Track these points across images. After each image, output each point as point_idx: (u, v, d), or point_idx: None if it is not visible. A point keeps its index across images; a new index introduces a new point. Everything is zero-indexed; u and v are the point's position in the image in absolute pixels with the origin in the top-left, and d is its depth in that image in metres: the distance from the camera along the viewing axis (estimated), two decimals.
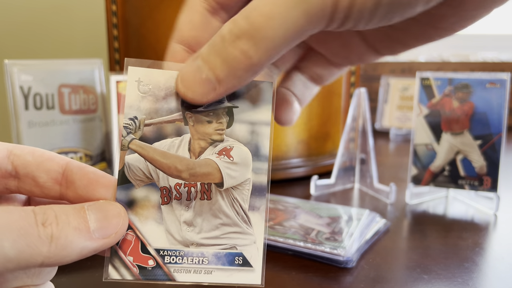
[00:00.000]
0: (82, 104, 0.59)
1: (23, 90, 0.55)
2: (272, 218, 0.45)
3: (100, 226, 0.21)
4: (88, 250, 0.20)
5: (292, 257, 0.39)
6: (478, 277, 0.36)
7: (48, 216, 0.20)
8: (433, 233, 0.45)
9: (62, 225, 0.20)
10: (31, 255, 0.18)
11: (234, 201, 0.29)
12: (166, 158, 0.28)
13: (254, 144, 0.29)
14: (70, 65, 0.58)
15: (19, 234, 0.18)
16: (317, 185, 0.58)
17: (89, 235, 0.20)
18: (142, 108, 0.28)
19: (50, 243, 0.19)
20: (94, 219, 0.21)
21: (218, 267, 0.28)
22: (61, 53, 1.10)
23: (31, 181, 0.23)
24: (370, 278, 0.36)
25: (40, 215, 0.19)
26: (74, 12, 1.09)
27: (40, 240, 0.19)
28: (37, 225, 0.19)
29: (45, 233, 0.19)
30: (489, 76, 0.52)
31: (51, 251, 0.19)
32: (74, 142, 0.58)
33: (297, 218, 0.45)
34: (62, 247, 0.19)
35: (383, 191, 0.56)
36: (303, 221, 0.44)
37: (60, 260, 0.19)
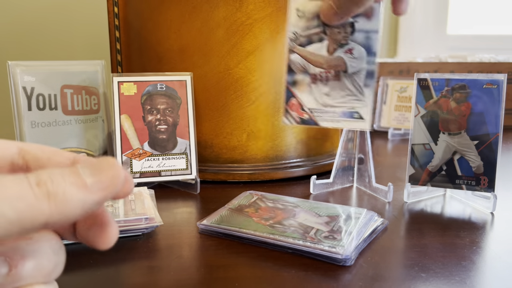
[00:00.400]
0: (84, 104, 0.60)
1: (26, 90, 0.55)
2: (271, 217, 0.46)
3: (95, 179, 0.20)
4: (90, 203, 0.20)
5: (291, 255, 0.40)
6: (475, 276, 0.37)
7: (41, 177, 0.19)
8: (431, 232, 0.46)
9: (57, 183, 0.19)
10: (32, 215, 0.18)
11: (354, 81, 0.49)
12: (313, 56, 0.50)
13: (367, 45, 0.48)
14: (73, 66, 0.59)
15: (15, 197, 0.18)
16: (316, 185, 0.59)
17: (87, 189, 0.20)
18: (299, 26, 0.50)
19: (48, 201, 0.19)
20: (88, 174, 0.20)
21: (343, 119, 0.50)
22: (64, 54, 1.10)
23: None
24: (369, 276, 0.36)
25: (33, 177, 0.19)
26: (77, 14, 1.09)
27: (37, 199, 0.18)
28: (31, 187, 0.19)
29: (41, 192, 0.19)
30: (486, 77, 0.53)
31: (52, 208, 0.19)
32: (77, 142, 0.59)
33: (296, 217, 0.46)
34: (62, 203, 0.19)
35: (381, 190, 0.57)
36: (302, 220, 0.45)
37: (65, 216, 0.19)
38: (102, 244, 0.24)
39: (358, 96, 0.48)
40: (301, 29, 0.50)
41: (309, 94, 0.50)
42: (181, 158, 0.59)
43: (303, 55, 0.51)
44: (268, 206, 0.49)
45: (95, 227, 0.24)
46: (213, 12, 0.60)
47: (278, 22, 0.61)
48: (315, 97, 0.50)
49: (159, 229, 0.46)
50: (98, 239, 0.24)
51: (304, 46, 0.50)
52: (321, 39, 0.50)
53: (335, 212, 0.47)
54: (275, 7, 0.61)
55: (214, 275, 0.37)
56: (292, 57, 0.51)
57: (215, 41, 0.61)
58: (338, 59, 0.49)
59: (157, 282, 0.35)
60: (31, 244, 0.22)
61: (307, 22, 0.50)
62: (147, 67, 0.66)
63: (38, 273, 0.21)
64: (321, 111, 0.50)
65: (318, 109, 0.50)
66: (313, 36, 0.50)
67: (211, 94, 0.63)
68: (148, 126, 0.59)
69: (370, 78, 0.48)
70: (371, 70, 0.48)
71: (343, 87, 0.49)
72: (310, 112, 0.50)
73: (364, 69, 0.48)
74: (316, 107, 0.50)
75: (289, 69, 0.51)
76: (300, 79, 0.50)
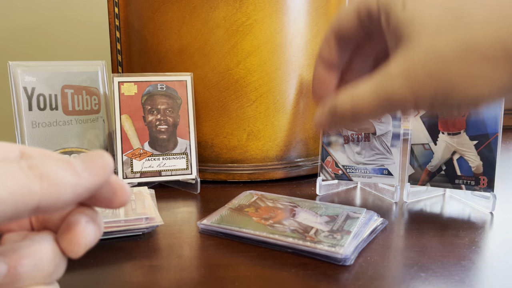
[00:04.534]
0: (85, 105, 0.60)
1: (26, 91, 0.55)
2: (271, 216, 0.46)
3: (85, 166, 0.21)
4: (82, 188, 0.20)
5: (291, 255, 0.40)
6: (474, 275, 0.37)
7: (32, 161, 0.19)
8: (430, 232, 0.46)
9: (48, 166, 0.19)
10: (25, 195, 0.18)
11: (382, 142, 0.56)
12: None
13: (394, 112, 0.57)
14: (73, 67, 0.59)
15: (7, 177, 0.18)
16: (321, 185, 0.59)
17: (78, 174, 0.20)
18: None
19: (41, 181, 0.19)
20: (78, 162, 0.21)
21: (374, 175, 0.56)
22: (65, 54, 1.10)
23: None
24: (368, 275, 0.36)
25: (24, 162, 0.19)
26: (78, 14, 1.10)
27: (29, 179, 0.18)
28: (23, 169, 0.19)
29: (32, 173, 0.19)
30: None
31: (44, 188, 0.19)
32: (77, 142, 0.59)
33: (296, 216, 0.46)
34: (54, 184, 0.19)
35: (387, 190, 0.57)
36: (302, 220, 0.45)
37: (56, 198, 0.19)
38: (116, 203, 0.24)
39: (387, 155, 0.56)
40: None
41: (343, 153, 0.58)
42: (181, 158, 0.59)
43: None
44: (268, 205, 0.49)
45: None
46: (213, 12, 0.60)
47: (278, 22, 0.61)
48: (348, 155, 0.57)
49: (159, 228, 0.46)
50: (113, 197, 0.24)
51: None
52: None
53: (334, 212, 0.47)
54: (275, 7, 0.61)
55: (215, 274, 0.37)
56: None
57: (215, 42, 0.61)
58: (368, 124, 0.57)
59: (157, 281, 0.36)
60: (31, 245, 0.22)
61: None
62: (148, 67, 0.66)
63: (37, 274, 0.21)
64: (353, 168, 0.57)
65: (351, 166, 0.57)
66: None
67: (211, 94, 0.63)
68: (148, 126, 0.59)
69: (396, 139, 0.55)
70: (396, 133, 0.55)
71: (372, 147, 0.56)
72: (344, 168, 0.57)
73: (390, 131, 0.55)
74: (349, 164, 0.57)
75: (324, 132, 0.59)
76: (334, 140, 0.58)
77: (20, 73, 0.55)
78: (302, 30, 0.63)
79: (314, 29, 0.64)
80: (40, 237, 0.22)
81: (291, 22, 0.62)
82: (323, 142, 0.59)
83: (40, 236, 0.23)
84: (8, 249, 0.21)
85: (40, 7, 1.08)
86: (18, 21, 1.08)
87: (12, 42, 1.08)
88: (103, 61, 0.62)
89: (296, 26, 0.63)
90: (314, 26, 0.64)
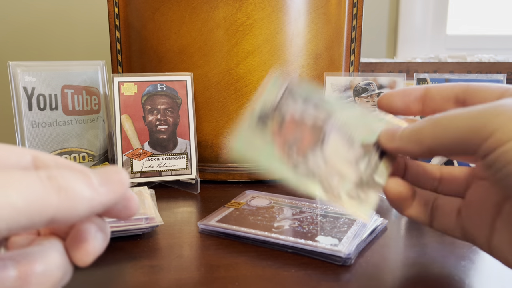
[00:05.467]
0: (85, 105, 0.60)
1: (26, 91, 0.55)
2: (296, 140, 0.34)
3: (103, 181, 0.21)
4: (97, 202, 0.20)
5: (291, 254, 0.40)
6: (474, 275, 0.37)
7: (51, 171, 0.19)
8: (430, 232, 0.46)
9: (67, 178, 0.19)
10: (41, 205, 0.18)
11: None
12: None
13: None
14: (73, 66, 0.59)
15: (25, 185, 0.18)
16: None
17: (95, 189, 0.20)
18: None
19: (58, 193, 0.19)
20: (96, 176, 0.21)
21: None
22: (65, 54, 1.10)
23: None
24: (368, 275, 0.36)
25: (43, 172, 0.19)
26: (77, 14, 1.09)
27: (47, 191, 0.18)
28: (42, 179, 0.19)
29: (51, 185, 0.19)
30: (485, 77, 0.53)
31: (61, 200, 0.19)
32: (77, 142, 0.59)
33: (324, 146, 0.34)
34: (71, 197, 0.19)
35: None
36: (329, 155, 0.34)
37: (71, 212, 0.19)
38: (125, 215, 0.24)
39: None
40: None
41: None
42: (181, 158, 0.59)
43: None
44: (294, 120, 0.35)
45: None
46: (213, 12, 0.60)
47: (278, 22, 0.61)
48: None
49: (159, 228, 0.46)
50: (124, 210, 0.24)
51: None
52: None
53: (370, 139, 0.34)
54: (275, 7, 0.61)
55: (215, 274, 0.37)
56: None
57: (215, 42, 0.61)
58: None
59: (157, 281, 0.36)
60: (41, 251, 0.22)
61: (340, 94, 0.60)
62: (148, 67, 0.66)
63: (46, 279, 0.21)
64: None
65: None
66: None
67: (211, 94, 0.63)
68: (148, 126, 0.59)
69: None
70: None
71: None
72: None
73: None
74: None
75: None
76: None
77: (20, 73, 0.55)
78: (302, 30, 0.63)
79: (314, 29, 0.64)
80: (50, 244, 0.22)
81: (291, 22, 0.62)
82: None
83: (50, 242, 0.23)
84: (18, 254, 0.21)
85: (40, 7, 1.08)
86: (17, 21, 1.08)
87: (11, 42, 1.08)
88: (103, 61, 0.62)
89: (296, 26, 0.63)
90: (314, 26, 0.64)
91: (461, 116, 0.26)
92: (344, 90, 0.61)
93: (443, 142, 0.27)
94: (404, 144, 0.30)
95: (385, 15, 1.31)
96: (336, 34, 0.67)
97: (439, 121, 0.27)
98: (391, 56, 1.36)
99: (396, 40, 1.33)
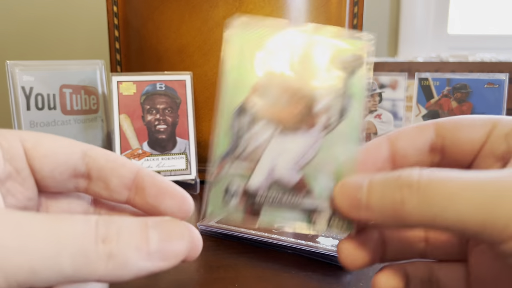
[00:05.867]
0: (83, 104, 0.59)
1: (24, 90, 0.55)
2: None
3: (161, 248, 0.20)
4: (145, 271, 0.19)
5: (291, 255, 0.40)
6: None
7: (110, 231, 0.19)
8: None
9: (122, 244, 0.19)
10: (87, 273, 0.18)
11: None
12: None
13: (394, 111, 0.58)
14: (72, 66, 0.59)
15: (79, 251, 0.18)
16: None
17: (148, 257, 0.19)
18: None
19: (107, 262, 0.18)
20: (156, 240, 0.20)
21: None
22: (63, 54, 1.10)
23: (102, 184, 0.24)
24: (369, 276, 0.36)
25: (102, 229, 0.19)
26: (76, 13, 1.09)
27: (98, 258, 0.18)
28: (97, 242, 0.18)
29: (104, 251, 0.18)
30: (487, 76, 0.52)
31: (107, 269, 0.18)
32: None
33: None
34: (119, 267, 0.19)
35: None
36: None
37: (116, 279, 0.19)
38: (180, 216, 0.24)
39: None
40: None
41: None
42: (180, 158, 0.59)
43: None
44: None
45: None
46: (212, 11, 0.60)
47: None
48: None
49: None
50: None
51: None
52: None
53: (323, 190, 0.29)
54: (274, 6, 0.60)
55: (214, 275, 0.36)
56: None
57: (215, 41, 0.61)
58: (369, 123, 0.58)
59: (157, 282, 0.35)
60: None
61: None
62: (147, 66, 0.66)
63: None
64: None
65: None
66: None
67: (211, 94, 0.62)
68: (147, 126, 0.58)
69: None
70: None
71: None
72: None
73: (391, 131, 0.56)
74: None
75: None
76: None
77: (18, 72, 0.55)
78: None
79: None
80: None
81: (291, 21, 0.62)
82: None
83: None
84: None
85: (38, 6, 1.07)
86: (16, 20, 1.08)
87: (9, 41, 1.08)
88: (102, 60, 0.62)
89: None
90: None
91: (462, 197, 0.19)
92: None
93: (437, 225, 0.20)
94: (375, 217, 0.22)
95: (386, 14, 1.31)
96: None
97: (431, 197, 0.19)
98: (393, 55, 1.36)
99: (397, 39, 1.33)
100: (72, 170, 0.24)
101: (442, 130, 0.24)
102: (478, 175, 0.20)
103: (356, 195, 0.22)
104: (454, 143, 0.24)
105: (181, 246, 0.21)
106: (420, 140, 0.25)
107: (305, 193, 0.24)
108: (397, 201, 0.20)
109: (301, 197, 0.24)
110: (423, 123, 0.25)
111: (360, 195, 0.22)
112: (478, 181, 0.19)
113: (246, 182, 0.25)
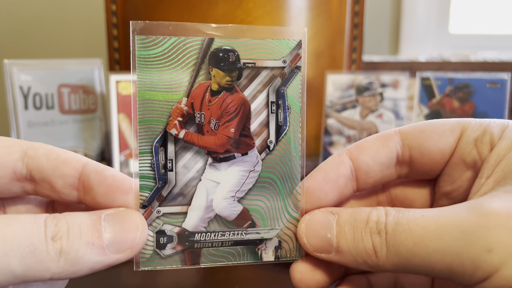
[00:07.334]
0: (81, 104, 0.59)
1: (22, 90, 0.55)
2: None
3: (115, 241, 0.19)
4: (101, 265, 0.19)
5: None
6: None
7: (59, 228, 0.18)
8: None
9: (73, 239, 0.18)
10: (38, 271, 0.18)
11: None
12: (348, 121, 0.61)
13: (395, 111, 0.59)
14: (70, 65, 0.58)
15: (27, 250, 0.18)
16: None
17: (102, 251, 0.19)
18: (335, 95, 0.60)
19: (58, 259, 0.18)
20: (109, 232, 0.19)
21: None
22: (61, 53, 1.10)
23: (47, 186, 0.21)
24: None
25: (51, 227, 0.18)
26: (74, 12, 1.09)
27: (48, 256, 0.18)
28: (47, 240, 0.18)
29: (54, 248, 0.18)
30: (489, 76, 0.52)
31: (59, 266, 0.18)
32: (74, 142, 0.58)
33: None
34: (71, 263, 0.18)
35: None
36: None
37: (70, 275, 0.19)
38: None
39: None
40: (336, 98, 0.61)
41: None
42: None
43: (338, 119, 0.61)
44: None
45: None
46: (212, 9, 0.60)
47: (278, 20, 0.61)
48: None
49: None
50: None
51: (340, 112, 0.61)
52: (354, 106, 0.60)
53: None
54: (275, 4, 0.60)
55: (215, 276, 0.36)
56: (329, 122, 0.61)
57: None
58: (370, 123, 0.58)
59: (157, 284, 0.35)
60: None
61: (342, 92, 0.61)
62: None
63: None
64: None
65: None
66: (347, 103, 0.60)
67: None
68: None
69: None
70: None
71: None
72: None
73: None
74: None
75: (326, 131, 0.60)
76: (336, 140, 0.60)
77: (16, 71, 0.54)
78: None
79: (315, 26, 0.64)
80: None
81: (291, 19, 0.61)
82: (324, 142, 0.58)
83: None
84: None
85: (36, 4, 1.07)
86: (13, 18, 1.07)
87: (7, 40, 1.08)
88: (100, 59, 0.62)
89: (297, 23, 0.62)
90: (315, 23, 0.63)
91: (427, 242, 0.18)
92: (346, 89, 0.61)
93: (409, 270, 0.19)
94: (347, 262, 0.21)
95: (388, 13, 1.30)
96: (337, 31, 0.66)
97: (399, 243, 0.19)
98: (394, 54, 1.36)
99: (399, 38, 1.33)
100: (11, 173, 0.21)
101: (408, 139, 0.23)
102: (441, 214, 0.19)
103: (325, 235, 0.21)
104: (422, 153, 0.22)
105: (136, 237, 0.20)
106: (384, 153, 0.23)
107: (248, 226, 0.22)
108: (369, 249, 0.20)
109: (244, 230, 0.22)
110: (386, 133, 0.23)
111: (330, 235, 0.21)
112: (441, 223, 0.19)
113: (181, 222, 0.22)
